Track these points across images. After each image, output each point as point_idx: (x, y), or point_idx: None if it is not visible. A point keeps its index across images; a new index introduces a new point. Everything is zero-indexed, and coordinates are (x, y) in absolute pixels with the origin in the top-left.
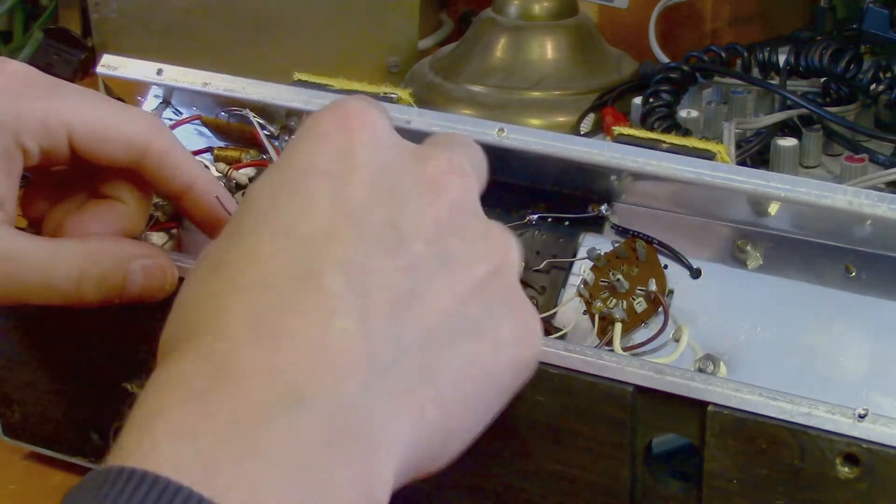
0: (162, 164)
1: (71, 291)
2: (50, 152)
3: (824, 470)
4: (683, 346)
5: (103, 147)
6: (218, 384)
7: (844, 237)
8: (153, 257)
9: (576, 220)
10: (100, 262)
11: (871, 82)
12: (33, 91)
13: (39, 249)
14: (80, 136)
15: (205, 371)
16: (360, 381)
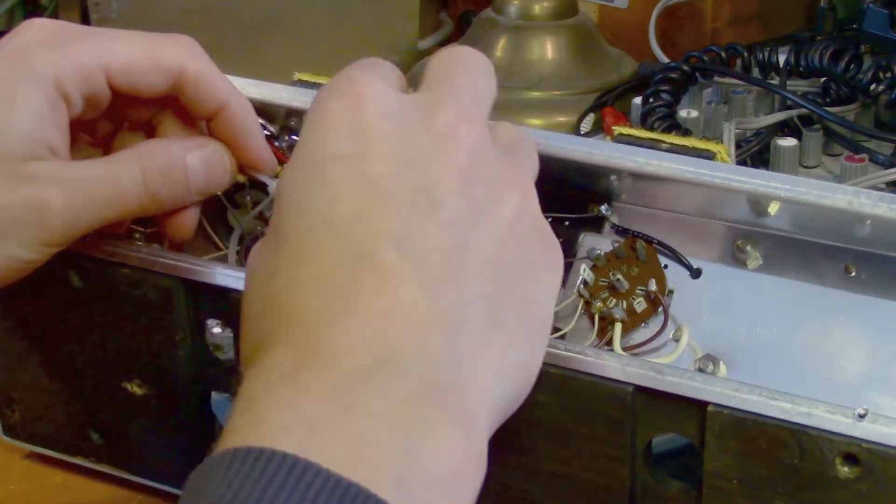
0: (198, 85)
1: (142, 194)
2: (92, 97)
3: (824, 470)
4: (683, 346)
5: (141, 78)
6: (307, 363)
7: (844, 237)
8: (205, 145)
9: (576, 219)
10: (156, 159)
11: (871, 82)
12: (65, 39)
13: (99, 165)
14: (116, 72)
15: (291, 356)
16: (438, 341)
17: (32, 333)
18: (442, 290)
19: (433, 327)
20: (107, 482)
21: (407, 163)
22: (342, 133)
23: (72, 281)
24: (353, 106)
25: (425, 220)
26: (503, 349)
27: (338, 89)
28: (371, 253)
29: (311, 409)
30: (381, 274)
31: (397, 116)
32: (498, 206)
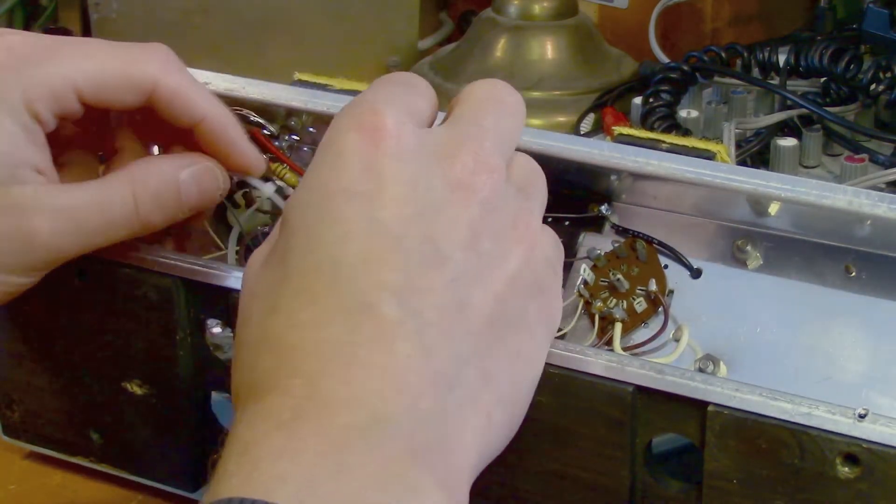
0: (172, 101)
1: (133, 219)
2: (64, 115)
3: (824, 470)
4: (683, 346)
5: (113, 95)
6: (303, 414)
7: (844, 237)
8: (197, 162)
9: (576, 219)
10: (148, 181)
11: (871, 82)
12: (33, 58)
13: (89, 190)
14: (87, 90)
15: (289, 404)
16: (431, 399)
17: (32, 333)
18: (437, 348)
19: (425, 386)
20: (107, 482)
21: (418, 209)
22: (357, 169)
23: (72, 281)
24: (371, 141)
25: (429, 275)
26: (490, 408)
27: (359, 120)
28: (372, 304)
29: (306, 461)
30: (380, 327)
31: (415, 157)
32: (504, 260)
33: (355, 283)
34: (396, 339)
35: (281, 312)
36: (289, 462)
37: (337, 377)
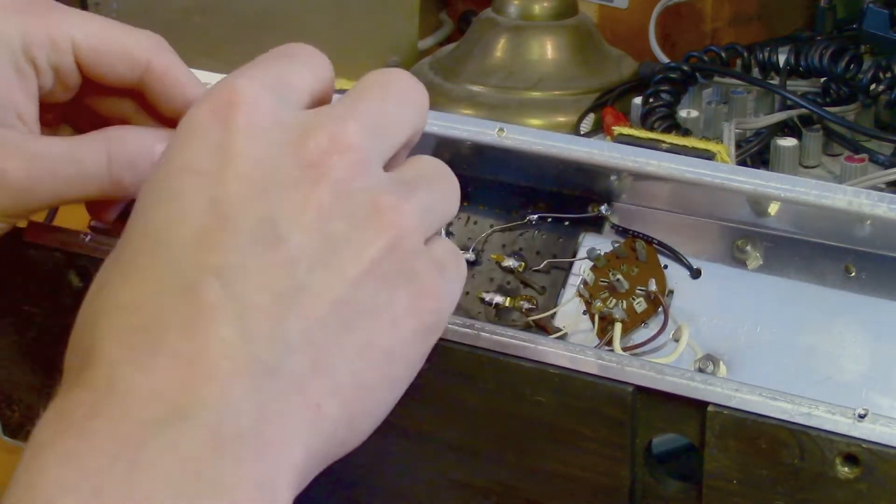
0: (164, 82)
1: (105, 179)
2: (59, 70)
3: (824, 470)
4: (683, 346)
5: (107, 62)
6: (99, 410)
7: (844, 237)
8: None
9: (576, 220)
10: (124, 143)
11: (871, 82)
12: (36, 8)
13: (66, 143)
14: (84, 51)
15: (87, 399)
16: (243, 388)
17: (32, 333)
18: (260, 333)
19: (239, 373)
20: None
21: (262, 188)
22: (203, 146)
23: (71, 281)
24: (222, 118)
25: (261, 257)
26: (320, 399)
27: (214, 96)
28: (194, 286)
29: (94, 466)
30: (198, 311)
31: (268, 135)
32: (360, 245)
33: (181, 264)
34: (213, 324)
35: (104, 293)
36: (75, 468)
37: (140, 367)
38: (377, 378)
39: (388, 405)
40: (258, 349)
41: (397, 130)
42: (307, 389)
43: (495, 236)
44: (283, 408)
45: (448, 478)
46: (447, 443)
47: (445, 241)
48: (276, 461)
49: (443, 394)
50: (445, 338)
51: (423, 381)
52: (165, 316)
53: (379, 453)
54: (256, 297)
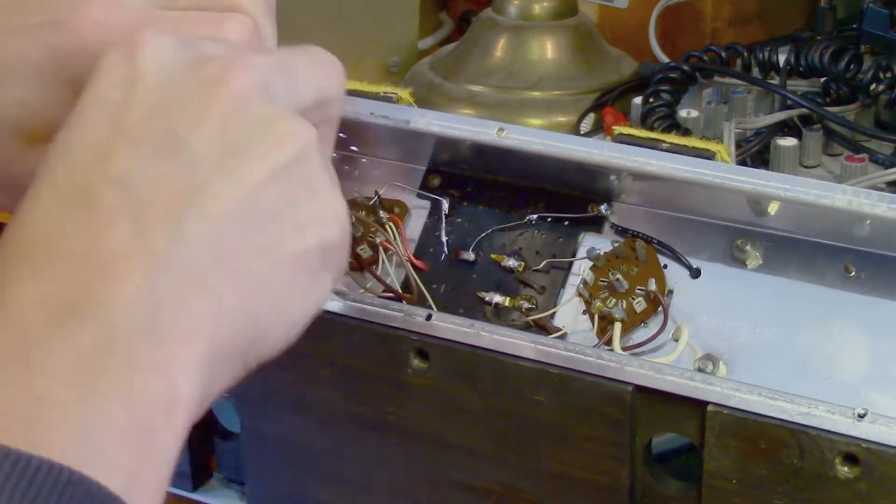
0: None
1: None
2: None
3: (824, 470)
4: (683, 346)
5: None
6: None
7: (844, 237)
8: None
9: (575, 219)
10: None
11: (871, 82)
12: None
13: None
14: None
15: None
16: (137, 282)
17: None
18: (157, 230)
19: (134, 268)
20: None
21: (164, 106)
22: (111, 82)
23: None
24: (128, 56)
25: (162, 162)
26: (223, 294)
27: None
28: (95, 196)
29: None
30: (94, 215)
31: (170, 64)
32: (265, 152)
33: (83, 177)
34: (109, 225)
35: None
36: None
37: (35, 273)
38: (283, 283)
39: (297, 319)
40: (153, 243)
41: (304, 84)
42: (206, 282)
43: (495, 236)
44: (180, 299)
45: (448, 478)
46: (447, 443)
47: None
48: (173, 351)
49: (443, 394)
50: (445, 337)
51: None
52: (62, 225)
53: (379, 453)
54: (154, 196)
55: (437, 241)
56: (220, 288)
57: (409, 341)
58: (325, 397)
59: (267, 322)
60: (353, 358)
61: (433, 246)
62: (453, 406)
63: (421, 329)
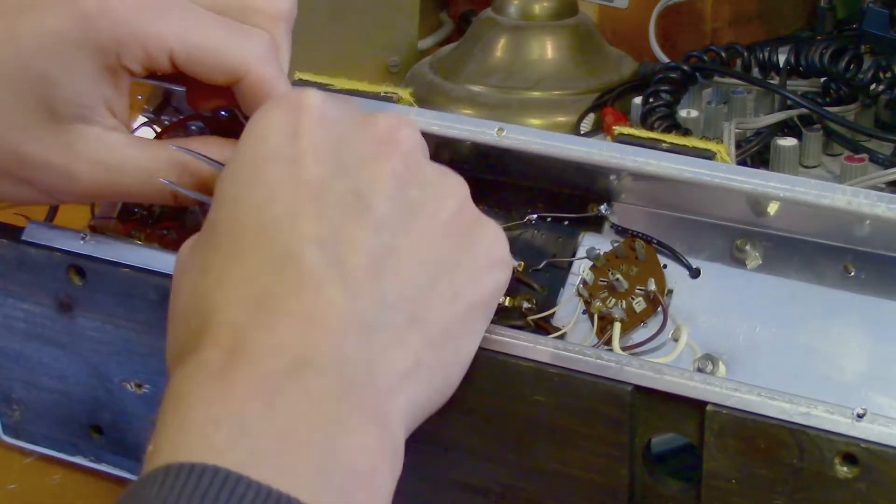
0: (255, 93)
1: (168, 199)
2: (152, 69)
3: (823, 470)
4: (682, 346)
5: (202, 70)
6: (231, 363)
7: (843, 237)
8: None
9: (575, 219)
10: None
11: (871, 82)
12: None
13: (140, 159)
14: (180, 59)
15: (218, 356)
16: (354, 341)
17: (32, 333)
18: (361, 291)
19: (349, 328)
20: (107, 481)
21: (341, 166)
22: (280, 137)
23: (72, 280)
24: (295, 113)
25: (352, 224)
26: (418, 350)
27: (283, 100)
28: (297, 255)
29: (237, 406)
30: (304, 276)
31: (338, 123)
32: (434, 208)
33: (280, 237)
34: (321, 286)
35: (210, 274)
36: (220, 407)
37: (263, 327)
38: (464, 326)
39: (471, 355)
40: (362, 308)
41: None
42: (406, 342)
43: None
44: (387, 359)
45: (447, 477)
46: (447, 443)
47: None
48: (387, 404)
49: None
50: None
51: None
52: (274, 284)
53: None
54: (352, 259)
55: None
56: (416, 345)
57: None
58: None
59: (451, 369)
60: None
61: None
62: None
63: None
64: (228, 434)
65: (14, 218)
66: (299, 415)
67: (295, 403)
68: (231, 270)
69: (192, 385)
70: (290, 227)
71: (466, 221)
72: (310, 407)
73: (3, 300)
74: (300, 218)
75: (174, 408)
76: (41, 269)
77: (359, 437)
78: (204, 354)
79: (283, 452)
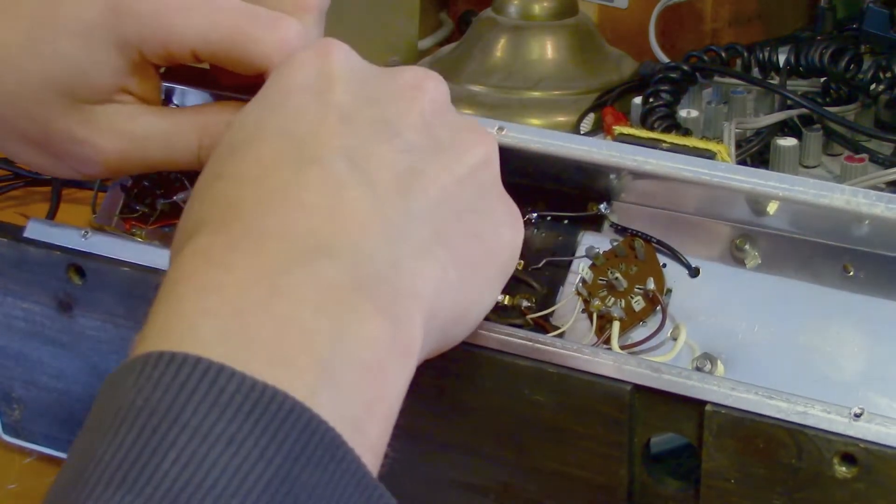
0: None
1: (193, 161)
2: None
3: (822, 469)
4: (681, 345)
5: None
6: (237, 247)
7: (843, 237)
8: None
9: (575, 218)
10: (212, 132)
11: (871, 82)
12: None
13: (161, 125)
14: (203, 56)
15: (222, 241)
16: (379, 237)
17: (32, 332)
18: (389, 200)
19: (375, 227)
20: None
21: (370, 100)
22: (310, 73)
23: (72, 279)
24: (323, 54)
25: (381, 144)
26: (446, 266)
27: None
28: (320, 159)
29: (235, 291)
30: (326, 177)
31: (365, 68)
32: (463, 151)
33: (305, 145)
34: (344, 187)
35: (226, 176)
36: (217, 295)
37: (276, 216)
38: (483, 269)
39: (484, 310)
40: (389, 213)
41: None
42: (434, 253)
43: None
44: (414, 263)
45: (447, 477)
46: (446, 442)
47: None
48: (407, 308)
49: (441, 393)
50: None
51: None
52: (298, 180)
53: None
54: (380, 173)
55: None
56: (444, 260)
57: None
58: None
59: (473, 301)
60: None
61: None
62: (452, 405)
63: None
64: (220, 324)
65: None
66: (304, 300)
67: (300, 288)
68: (248, 171)
69: (189, 272)
70: (316, 139)
71: (491, 178)
72: (318, 294)
73: (3, 299)
74: (327, 134)
75: (166, 296)
76: (41, 268)
77: (369, 330)
78: (205, 240)
79: (280, 342)
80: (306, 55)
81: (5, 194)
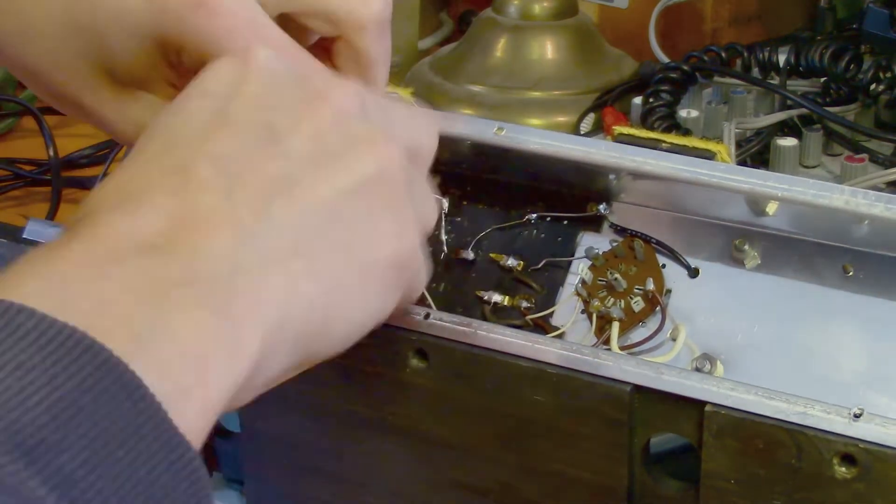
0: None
1: None
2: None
3: (821, 470)
4: (680, 346)
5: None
6: (76, 236)
7: (842, 237)
8: None
9: (574, 219)
10: None
11: (871, 82)
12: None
13: None
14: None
15: (69, 233)
16: (226, 242)
17: None
18: (245, 203)
19: (224, 231)
20: None
21: (266, 106)
22: (222, 79)
23: None
24: (242, 61)
25: (257, 150)
26: (298, 278)
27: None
28: (190, 166)
29: (64, 265)
30: (189, 182)
31: (279, 74)
32: (353, 161)
33: (178, 153)
34: (200, 191)
35: (114, 174)
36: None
37: (125, 211)
38: (353, 284)
39: (360, 322)
40: (241, 214)
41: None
42: (285, 263)
43: (494, 235)
44: (259, 270)
45: (447, 477)
46: (446, 442)
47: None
48: (244, 309)
49: (441, 393)
50: (444, 336)
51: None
52: (157, 183)
53: (379, 453)
54: (245, 177)
55: (437, 240)
56: (298, 272)
57: (408, 341)
58: (324, 397)
59: (333, 318)
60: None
61: (432, 245)
62: (452, 405)
63: (420, 328)
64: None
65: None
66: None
67: (129, 277)
68: (123, 174)
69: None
70: (196, 143)
71: (382, 191)
72: (147, 285)
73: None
74: (208, 138)
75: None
76: None
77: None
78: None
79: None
80: (226, 62)
81: (5, 194)
